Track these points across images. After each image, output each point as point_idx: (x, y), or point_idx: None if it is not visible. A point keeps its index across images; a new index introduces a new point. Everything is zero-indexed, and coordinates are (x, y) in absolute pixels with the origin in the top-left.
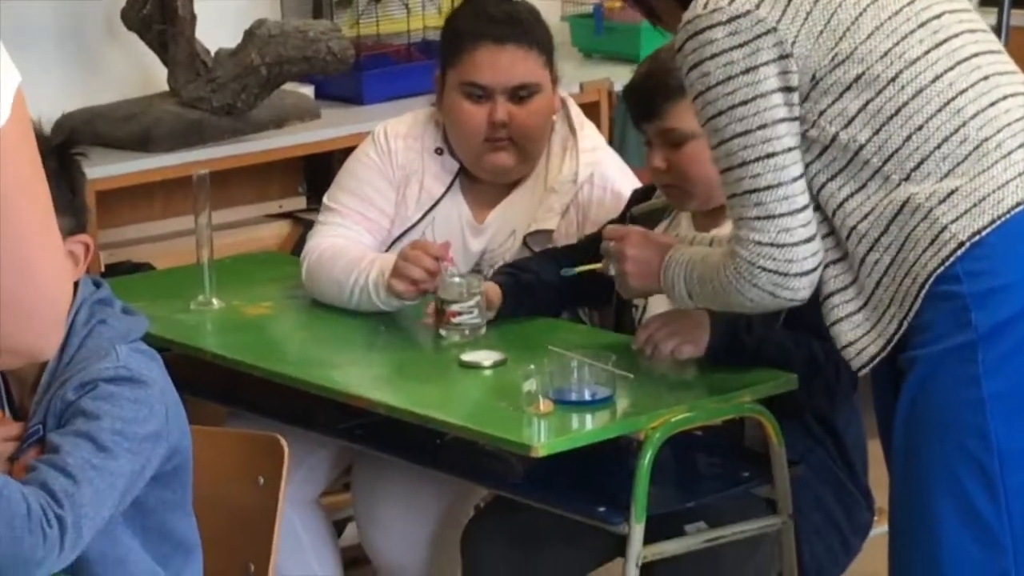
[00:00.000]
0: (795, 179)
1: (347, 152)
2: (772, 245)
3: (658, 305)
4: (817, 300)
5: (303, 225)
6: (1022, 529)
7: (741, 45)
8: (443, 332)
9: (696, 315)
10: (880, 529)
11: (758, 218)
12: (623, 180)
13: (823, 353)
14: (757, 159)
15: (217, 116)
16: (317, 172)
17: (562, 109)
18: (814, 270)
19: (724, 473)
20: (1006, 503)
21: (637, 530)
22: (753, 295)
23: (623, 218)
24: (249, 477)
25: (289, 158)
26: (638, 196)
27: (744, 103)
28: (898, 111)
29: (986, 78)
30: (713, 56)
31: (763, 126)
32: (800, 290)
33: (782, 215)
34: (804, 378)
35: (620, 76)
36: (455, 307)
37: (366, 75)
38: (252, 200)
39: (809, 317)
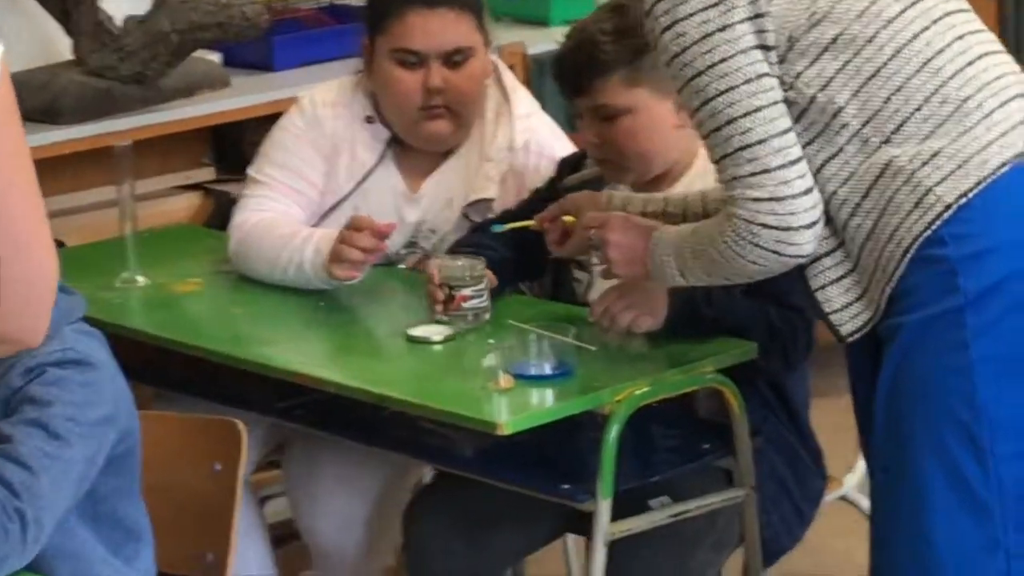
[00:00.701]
0: (785, 131)
1: (258, 121)
2: (772, 200)
3: (600, 283)
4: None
5: (214, 197)
6: (1010, 495)
7: (716, 4)
8: (447, 318)
9: (653, 286)
10: (829, 497)
11: (753, 174)
12: (559, 146)
13: (780, 319)
14: (745, 114)
15: (126, 85)
16: (223, 142)
17: (493, 73)
18: (817, 222)
19: (684, 446)
20: (994, 469)
21: (604, 507)
22: (756, 256)
23: (552, 190)
24: (205, 463)
25: (194, 128)
26: (568, 167)
27: (724, 60)
28: (877, 72)
29: (961, 37)
30: (688, 16)
31: (748, 80)
32: (805, 244)
33: (778, 168)
34: (762, 345)
35: (532, 40)
36: (467, 291)
37: (277, 40)
38: (156, 172)
39: (767, 283)
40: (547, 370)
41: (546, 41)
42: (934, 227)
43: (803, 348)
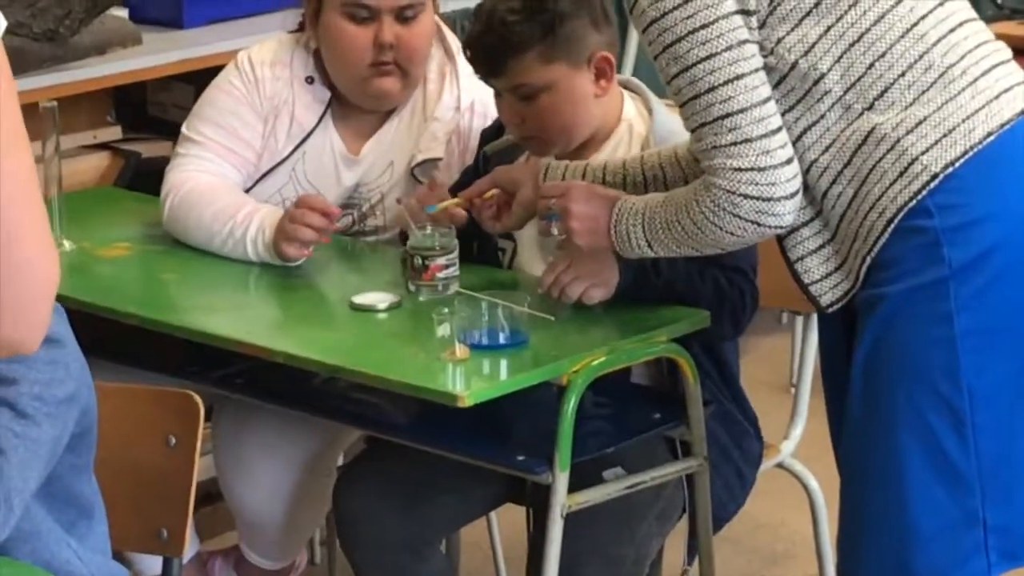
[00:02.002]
0: (766, 100)
1: (162, 80)
2: (753, 169)
3: (529, 246)
4: None
5: (123, 157)
6: (990, 468)
7: None
8: (415, 288)
9: (603, 256)
10: (767, 464)
11: (734, 143)
12: None
13: (728, 283)
14: (727, 82)
15: (38, 43)
16: (126, 100)
17: (436, 32)
18: (797, 192)
19: (632, 415)
20: (974, 441)
21: (562, 479)
22: (735, 227)
23: (477, 160)
24: (159, 437)
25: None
26: (489, 134)
27: (705, 26)
28: (860, 37)
29: (942, 3)
30: None
31: (728, 47)
32: (785, 215)
33: (759, 137)
34: (712, 310)
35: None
36: (440, 260)
37: None
38: (61, 131)
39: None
40: (501, 340)
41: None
42: (919, 197)
43: (751, 310)
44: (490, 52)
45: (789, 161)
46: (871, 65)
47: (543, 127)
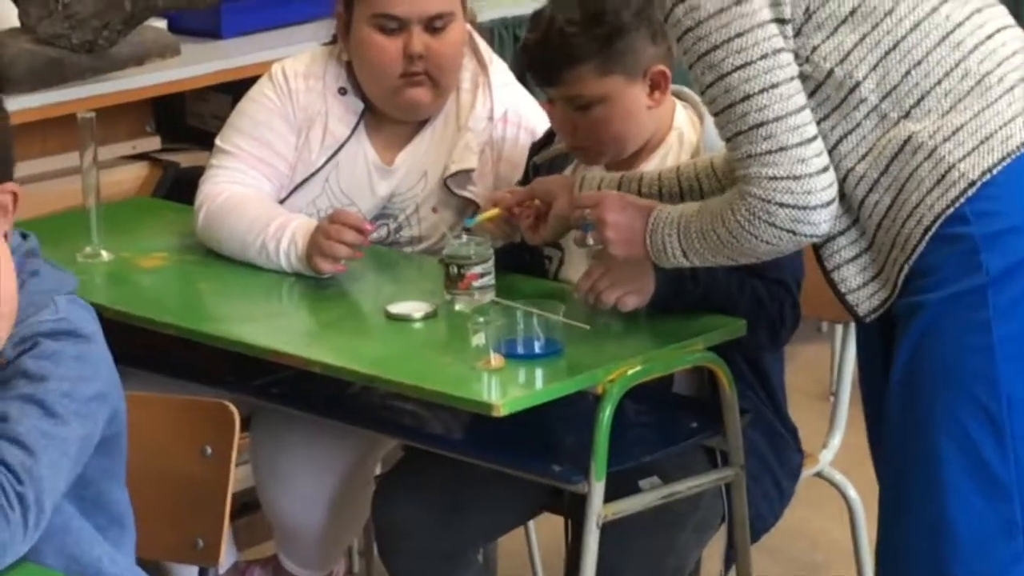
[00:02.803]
0: (802, 108)
1: (200, 90)
2: (789, 178)
3: (577, 255)
4: None
5: (161, 167)
6: None
7: None
8: (451, 296)
9: (639, 263)
10: (806, 473)
11: (769, 152)
12: (536, 117)
13: (768, 294)
14: (762, 90)
15: (77, 54)
16: (165, 110)
17: (468, 42)
18: (833, 201)
19: (669, 424)
20: (1014, 450)
21: (597, 488)
22: (770, 236)
23: (527, 171)
24: (194, 447)
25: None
26: (539, 144)
27: (740, 34)
28: (896, 45)
29: (978, 10)
30: None
31: (764, 56)
32: (821, 224)
33: (795, 146)
34: (749, 320)
35: (482, 6)
36: (477, 269)
37: (225, 8)
38: (100, 142)
39: None
40: (537, 349)
41: (494, 8)
42: (957, 204)
43: (791, 323)
44: (546, 61)
45: (825, 169)
46: (907, 73)
47: (596, 137)
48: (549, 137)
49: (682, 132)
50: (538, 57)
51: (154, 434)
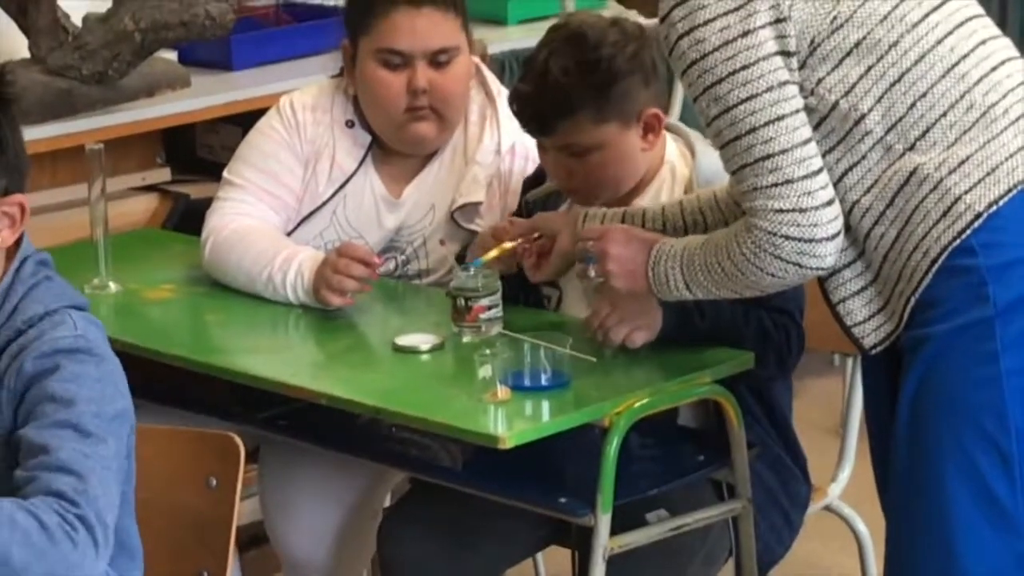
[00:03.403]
0: (807, 141)
1: (210, 122)
2: (795, 211)
3: (575, 294)
4: None
5: (172, 199)
6: None
7: (736, 9)
8: (458, 329)
9: (645, 299)
10: (815, 507)
11: (775, 184)
12: None
13: (773, 324)
14: (768, 123)
15: (87, 85)
16: (176, 142)
17: (476, 75)
18: (839, 233)
19: (676, 457)
20: (1022, 483)
21: (604, 521)
22: (775, 268)
23: (520, 208)
24: (199, 479)
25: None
26: (531, 182)
27: (746, 67)
28: (901, 77)
29: (983, 42)
30: (707, 22)
31: (770, 88)
32: (827, 256)
33: (801, 178)
34: (756, 352)
35: (491, 39)
36: (484, 302)
37: (235, 40)
38: (110, 173)
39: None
40: (543, 381)
41: (503, 41)
42: (964, 236)
43: (796, 351)
44: (541, 112)
45: (831, 202)
46: (912, 105)
47: (591, 182)
48: (542, 173)
49: (674, 166)
50: (532, 108)
51: (159, 466)
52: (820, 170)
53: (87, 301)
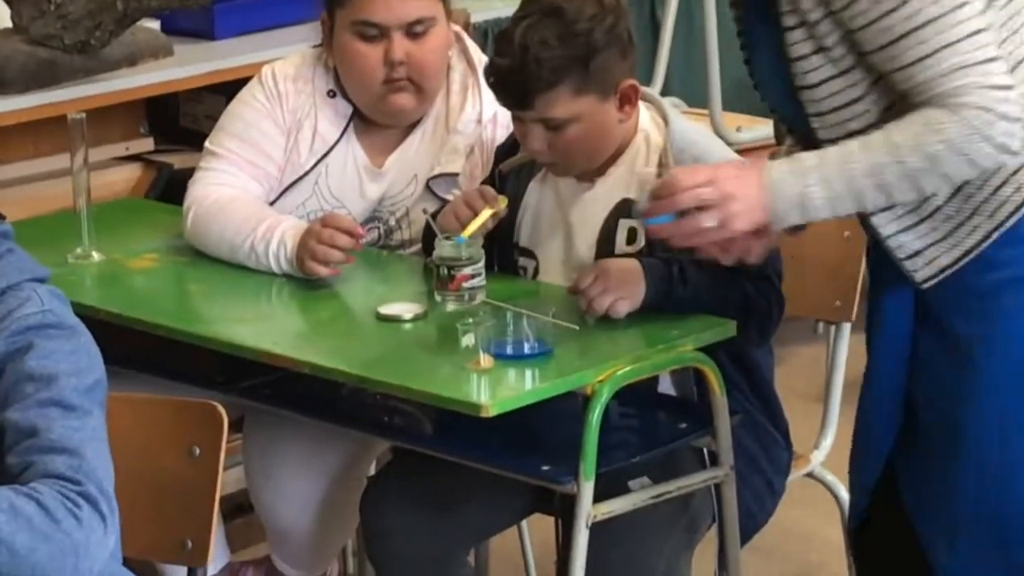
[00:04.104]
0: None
1: (193, 91)
2: (1006, 88)
3: (552, 265)
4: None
5: (155, 168)
6: None
7: None
8: (441, 298)
9: (629, 268)
10: (798, 474)
11: (986, 60)
12: None
13: (755, 291)
14: (961, 4)
15: (69, 55)
16: (159, 111)
17: (457, 44)
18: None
19: (659, 424)
20: None
21: (587, 489)
22: (979, 154)
23: (492, 177)
24: (183, 447)
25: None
26: (504, 152)
27: None
28: None
29: None
30: None
31: None
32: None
33: (999, 58)
34: (739, 319)
35: (474, 8)
36: (467, 271)
37: (217, 9)
38: (93, 143)
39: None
40: (526, 349)
41: (487, 9)
42: None
43: (777, 317)
44: (520, 86)
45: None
46: None
47: (568, 154)
48: (515, 144)
49: (648, 134)
50: (511, 81)
51: (142, 435)
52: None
53: (48, 272)
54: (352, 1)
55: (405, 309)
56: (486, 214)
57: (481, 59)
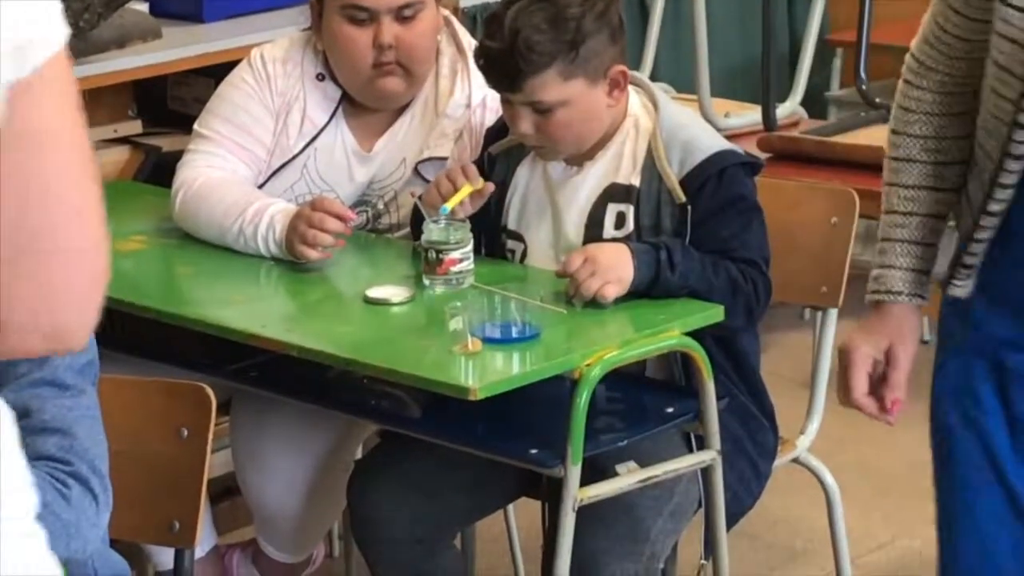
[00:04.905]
0: None
1: (182, 74)
2: None
3: (540, 248)
4: (724, 218)
5: (144, 151)
6: None
7: None
8: (429, 282)
9: (617, 253)
10: (784, 459)
11: None
12: None
13: (741, 275)
14: None
15: None
16: (147, 94)
17: (446, 28)
18: None
19: (648, 409)
20: None
21: (574, 472)
22: None
23: (481, 159)
24: (171, 429)
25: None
26: (493, 134)
27: None
28: None
29: None
30: None
31: None
32: None
33: None
34: (726, 301)
35: None
36: (455, 254)
37: None
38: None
39: (715, 240)
40: (514, 333)
41: None
42: None
43: (764, 301)
44: (510, 69)
45: None
46: None
47: (556, 138)
48: (505, 127)
49: (637, 119)
50: (501, 65)
51: (130, 417)
52: None
53: None
54: None
55: (393, 292)
56: (467, 190)
57: (471, 43)
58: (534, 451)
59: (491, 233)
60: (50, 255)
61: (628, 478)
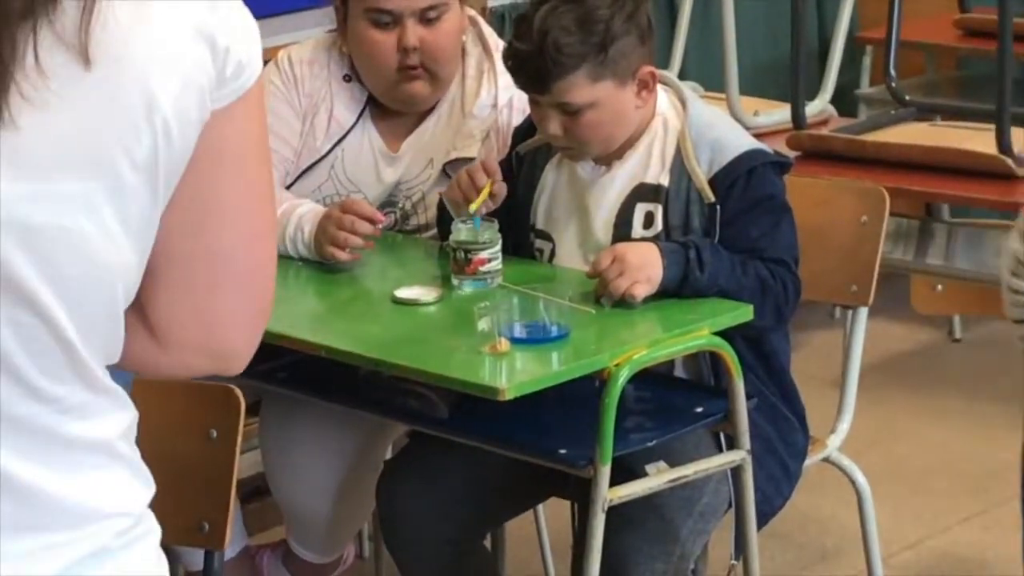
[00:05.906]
0: None
1: None
2: None
3: (569, 247)
4: (753, 217)
5: None
6: None
7: None
8: (458, 282)
9: (646, 252)
10: (814, 459)
11: None
12: None
13: (770, 275)
14: None
15: None
16: None
17: (472, 29)
18: None
19: (677, 409)
20: None
21: (603, 473)
22: None
23: (510, 158)
24: (200, 430)
25: None
26: (521, 133)
27: None
28: None
29: None
30: None
31: None
32: None
33: None
34: (755, 301)
35: None
36: (484, 254)
37: None
38: None
39: (745, 240)
40: (543, 333)
41: None
42: None
43: (793, 301)
44: (539, 71)
45: None
46: None
47: (585, 139)
48: (533, 126)
49: (666, 118)
50: (530, 66)
51: (160, 418)
52: None
53: None
54: None
55: (422, 293)
56: (489, 187)
57: (498, 44)
58: (563, 451)
59: (519, 233)
60: (227, 278)
61: (658, 478)
